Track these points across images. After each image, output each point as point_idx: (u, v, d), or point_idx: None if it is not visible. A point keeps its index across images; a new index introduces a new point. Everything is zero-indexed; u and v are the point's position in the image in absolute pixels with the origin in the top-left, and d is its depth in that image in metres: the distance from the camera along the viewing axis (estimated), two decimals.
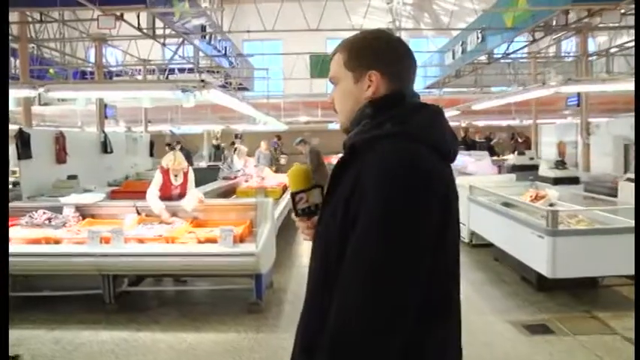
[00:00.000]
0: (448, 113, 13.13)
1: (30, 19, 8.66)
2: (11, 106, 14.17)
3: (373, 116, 1.36)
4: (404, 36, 20.41)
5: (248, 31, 10.82)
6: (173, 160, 5.74)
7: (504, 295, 5.50)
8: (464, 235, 7.36)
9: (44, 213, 5.66)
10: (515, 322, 4.70)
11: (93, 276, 5.07)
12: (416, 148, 1.26)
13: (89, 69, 13.13)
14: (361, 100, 1.40)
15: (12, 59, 11.46)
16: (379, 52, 1.41)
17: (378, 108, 1.37)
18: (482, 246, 7.04)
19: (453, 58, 12.92)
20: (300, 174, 1.54)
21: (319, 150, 10.61)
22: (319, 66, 13.31)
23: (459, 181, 7.88)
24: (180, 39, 8.90)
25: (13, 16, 8.92)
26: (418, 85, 18.96)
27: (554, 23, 9.43)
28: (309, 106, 17.45)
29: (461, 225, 6.46)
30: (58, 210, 5.83)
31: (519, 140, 15.43)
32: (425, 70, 16.85)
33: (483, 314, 4.94)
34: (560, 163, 8.60)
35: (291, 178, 1.54)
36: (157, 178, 5.75)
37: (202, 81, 5.30)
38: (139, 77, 13.61)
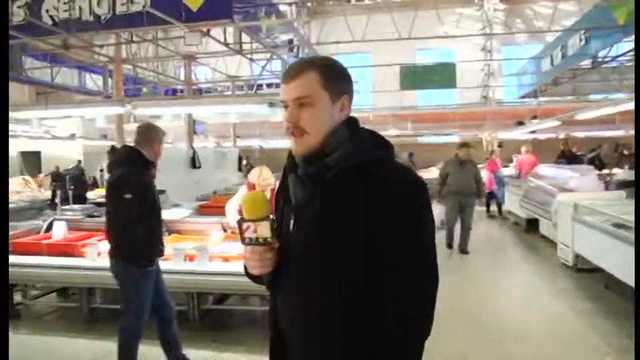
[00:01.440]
0: (546, 124, 12.36)
1: (124, 41, 8.97)
2: (102, 123, 15.01)
3: (352, 138, 1.44)
4: (495, 44, 19.64)
5: (337, 42, 10.69)
6: (259, 174, 5.62)
7: (619, 330, 4.77)
8: (567, 258, 6.74)
9: None
10: None
11: (178, 293, 5.02)
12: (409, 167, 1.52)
13: (179, 87, 13.54)
14: (335, 121, 1.46)
15: (109, 80, 12.04)
16: (348, 78, 1.52)
17: (354, 131, 1.46)
18: (588, 271, 6.36)
19: (552, 64, 12.03)
20: (254, 202, 1.45)
21: (410, 164, 10.41)
22: (410, 77, 12.96)
23: (561, 198, 7.23)
24: (269, 54, 8.92)
25: (110, 38, 9.34)
26: (512, 95, 17.95)
27: None
28: (399, 119, 17.11)
29: (564, 247, 5.87)
30: None
31: (625, 153, 14.27)
32: (519, 79, 16.02)
33: (598, 353, 4.33)
34: None
35: (245, 204, 1.45)
36: (241, 193, 5.65)
37: None
38: (228, 93, 13.88)
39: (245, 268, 1.56)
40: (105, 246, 5.48)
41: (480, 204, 8.92)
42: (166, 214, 6.40)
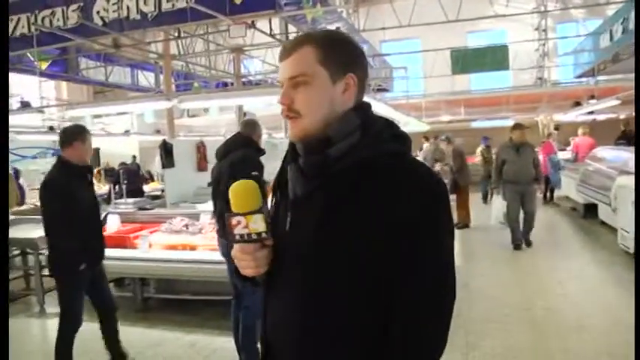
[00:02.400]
0: (605, 104, 11.80)
1: (172, 36, 9.14)
2: (151, 119, 15.41)
3: (364, 127, 1.24)
4: (550, 22, 18.89)
5: (383, 28, 10.52)
6: None
7: None
8: (628, 245, 6.40)
9: (182, 220, 5.82)
10: None
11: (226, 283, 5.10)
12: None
13: (229, 80, 13.70)
14: (337, 104, 1.26)
15: (160, 76, 12.32)
16: (356, 55, 1.31)
17: (366, 119, 1.26)
18: None
19: (611, 40, 11.38)
20: (244, 192, 1.24)
21: (463, 150, 10.13)
22: (461, 61, 12.60)
23: (621, 181, 6.88)
24: None
25: (159, 34, 9.54)
26: (568, 75, 17.22)
27: None
28: (451, 104, 16.75)
29: (625, 233, 5.57)
30: (196, 217, 5.97)
31: None
32: (575, 58, 15.35)
33: None
34: None
35: (234, 195, 1.24)
36: None
37: None
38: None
39: (236, 268, 1.33)
40: (158, 237, 5.69)
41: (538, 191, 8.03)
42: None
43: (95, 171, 15.86)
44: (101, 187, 14.08)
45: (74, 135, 3.74)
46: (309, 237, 1.21)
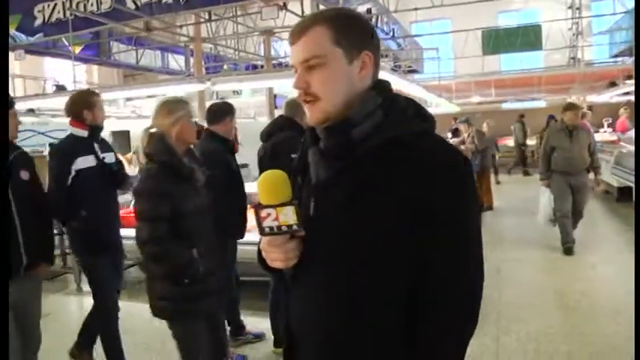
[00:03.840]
0: None
1: (203, 20, 9.18)
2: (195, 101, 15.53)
3: (385, 106, 1.19)
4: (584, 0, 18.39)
5: (416, 9, 10.40)
6: None
7: None
8: None
9: None
10: None
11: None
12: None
13: (259, 62, 13.72)
14: (355, 84, 1.20)
15: (190, 59, 12.40)
16: (369, 31, 1.24)
17: (387, 97, 1.21)
18: None
19: None
20: (272, 183, 1.18)
21: (493, 135, 10.00)
22: (492, 41, 12.37)
23: None
24: None
25: (190, 18, 9.59)
26: (603, 55, 16.76)
27: None
28: (482, 85, 16.53)
29: None
30: None
31: None
32: (611, 37, 14.95)
33: None
34: None
35: (263, 187, 1.18)
36: None
37: None
38: None
39: (262, 260, 1.29)
40: None
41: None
42: (248, 188, 6.59)
43: (130, 154, 16.16)
44: (133, 169, 14.36)
45: (224, 113, 3.93)
46: (334, 222, 1.18)
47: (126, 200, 6.60)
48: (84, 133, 3.51)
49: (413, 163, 1.11)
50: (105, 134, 14.73)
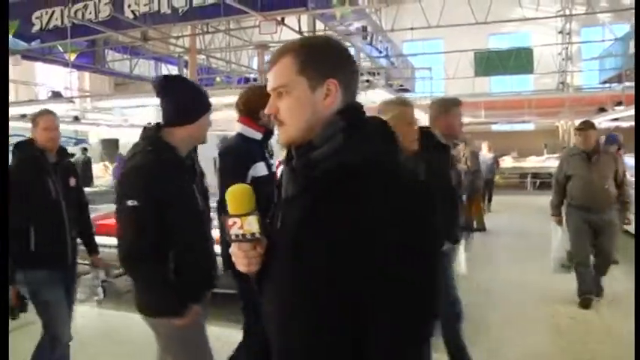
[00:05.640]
0: (632, 111, 11.65)
1: (199, 31, 9.22)
2: None
3: (348, 131, 1.25)
4: (574, 26, 18.69)
5: (412, 29, 10.52)
6: None
7: None
8: None
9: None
10: None
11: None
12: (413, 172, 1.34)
13: (252, 75, 13.76)
14: (319, 110, 1.27)
15: (185, 70, 12.41)
16: (336, 60, 1.31)
17: (351, 122, 1.26)
18: None
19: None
20: (237, 195, 1.31)
21: (478, 152, 10.11)
22: (484, 63, 12.55)
23: None
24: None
25: (186, 29, 9.63)
26: (593, 80, 16.93)
27: None
28: (472, 107, 16.68)
29: None
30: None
31: None
32: (601, 63, 15.20)
33: None
34: None
35: (230, 198, 1.31)
36: None
37: (367, 81, 5.17)
38: None
39: (232, 266, 1.39)
40: None
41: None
42: None
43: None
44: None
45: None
46: (290, 235, 1.25)
47: None
48: (257, 135, 3.04)
49: (361, 188, 1.16)
50: (94, 141, 14.85)
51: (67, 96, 10.02)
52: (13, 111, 8.96)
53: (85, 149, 15.57)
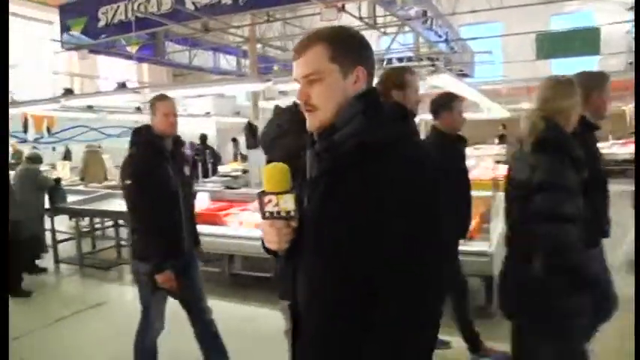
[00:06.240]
0: None
1: (260, 20, 9.28)
2: (243, 101, 15.77)
3: (365, 113, 1.33)
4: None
5: (474, 11, 10.28)
6: None
7: None
8: None
9: None
10: None
11: None
12: (424, 151, 1.36)
13: None
14: (349, 95, 1.36)
15: (242, 60, 12.56)
16: (362, 48, 1.39)
17: (368, 105, 1.34)
18: None
19: None
20: (275, 173, 1.38)
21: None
22: (547, 45, 12.01)
23: None
24: (397, 28, 8.80)
25: (245, 18, 9.72)
26: None
27: None
28: (533, 91, 16.13)
29: None
30: None
31: None
32: None
33: None
34: None
35: (267, 176, 1.38)
36: None
37: (433, 65, 5.08)
38: None
39: (262, 242, 1.49)
40: (247, 216, 5.86)
41: None
42: None
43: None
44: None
45: (442, 105, 3.63)
46: (313, 215, 1.35)
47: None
48: None
49: (376, 168, 1.25)
50: None
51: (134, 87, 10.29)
52: (79, 102, 9.32)
53: None
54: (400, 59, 12.58)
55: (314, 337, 1.40)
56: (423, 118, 9.65)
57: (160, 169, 3.08)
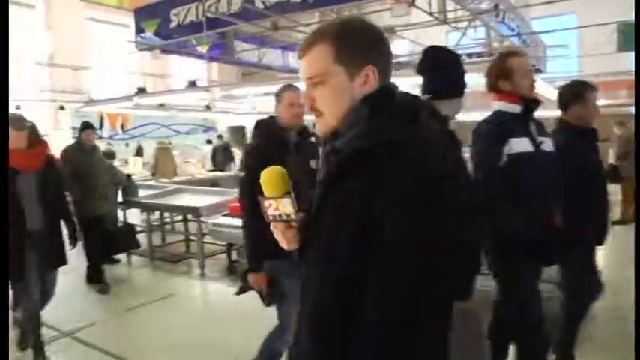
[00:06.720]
0: None
1: (328, 18, 9.26)
2: None
3: (371, 116, 1.23)
4: None
5: (549, 2, 9.86)
6: None
7: None
8: None
9: None
10: None
11: None
12: (427, 152, 1.21)
13: None
14: (357, 98, 1.25)
15: None
16: (373, 44, 1.27)
17: (375, 107, 1.23)
18: None
19: None
20: (271, 179, 1.39)
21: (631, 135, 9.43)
22: (630, 36, 11.25)
23: None
24: (467, 23, 8.57)
25: (313, 16, 9.74)
26: None
27: None
28: (611, 86, 15.30)
29: None
30: None
31: None
32: None
33: None
34: None
35: (264, 181, 1.39)
36: None
37: None
38: None
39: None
40: None
41: None
42: None
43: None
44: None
45: (574, 96, 3.32)
46: (319, 215, 1.30)
47: None
48: (515, 108, 2.72)
49: (369, 174, 1.17)
50: (222, 129, 15.67)
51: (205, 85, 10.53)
52: (151, 100, 9.62)
53: (220, 136, 16.37)
54: (469, 55, 12.28)
55: (306, 338, 1.35)
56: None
57: (280, 163, 2.93)
